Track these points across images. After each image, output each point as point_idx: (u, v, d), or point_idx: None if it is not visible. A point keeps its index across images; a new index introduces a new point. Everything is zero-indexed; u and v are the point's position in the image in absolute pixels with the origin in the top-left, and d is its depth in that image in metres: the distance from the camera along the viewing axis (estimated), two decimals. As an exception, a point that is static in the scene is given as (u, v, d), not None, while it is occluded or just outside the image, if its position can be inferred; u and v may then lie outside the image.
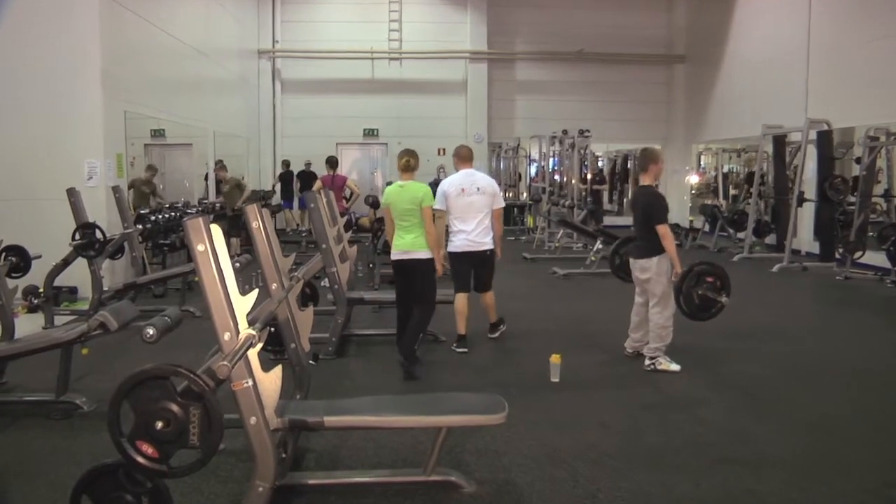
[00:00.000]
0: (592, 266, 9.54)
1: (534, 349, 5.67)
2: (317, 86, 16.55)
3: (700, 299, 4.69)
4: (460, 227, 5.66)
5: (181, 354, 5.07)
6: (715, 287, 4.69)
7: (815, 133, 10.28)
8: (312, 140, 16.09)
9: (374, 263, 8.73)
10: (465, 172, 5.77)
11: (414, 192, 5.12)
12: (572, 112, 16.28)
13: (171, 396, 2.51)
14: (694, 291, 4.66)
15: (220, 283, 2.61)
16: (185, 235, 2.62)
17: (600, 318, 6.82)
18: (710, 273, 4.73)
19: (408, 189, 5.15)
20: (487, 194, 5.67)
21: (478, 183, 5.69)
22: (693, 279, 4.67)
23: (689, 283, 4.66)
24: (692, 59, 16.64)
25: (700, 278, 4.68)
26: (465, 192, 5.64)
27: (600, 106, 16.82)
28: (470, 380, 4.97)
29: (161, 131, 10.88)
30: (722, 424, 4.06)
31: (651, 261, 5.05)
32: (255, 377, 2.69)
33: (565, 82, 16.95)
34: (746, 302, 7.67)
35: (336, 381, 4.89)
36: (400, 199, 5.14)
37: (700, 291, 4.67)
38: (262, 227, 3.46)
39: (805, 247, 11.51)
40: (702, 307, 4.71)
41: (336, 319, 5.63)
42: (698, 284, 4.67)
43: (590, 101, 16.80)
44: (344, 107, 16.47)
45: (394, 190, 5.23)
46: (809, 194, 10.73)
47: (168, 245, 8.48)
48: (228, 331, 2.61)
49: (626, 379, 4.96)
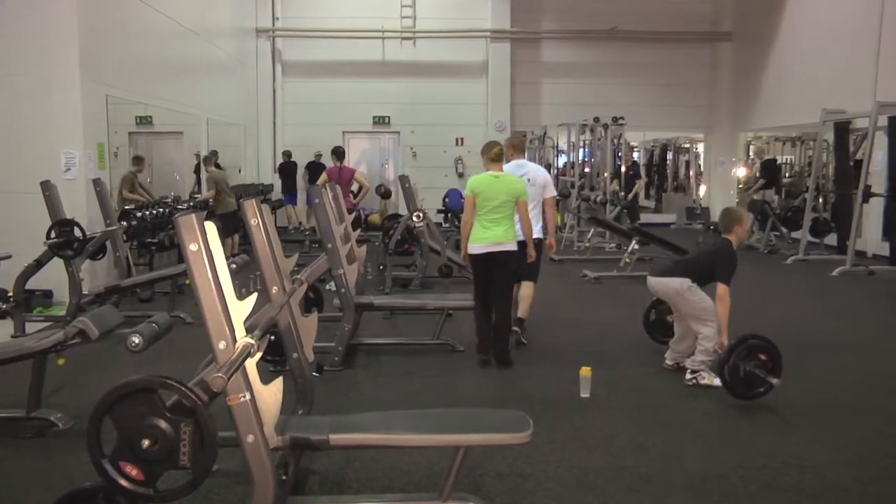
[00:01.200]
0: (627, 268, 9.49)
1: (561, 361, 5.65)
2: (321, 68, 16.61)
3: (747, 376, 4.67)
4: None
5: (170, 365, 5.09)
6: (766, 366, 4.67)
7: (886, 118, 10.09)
8: (316, 128, 16.16)
9: (385, 265, 8.74)
10: (517, 163, 6.22)
11: (512, 185, 5.53)
12: (605, 97, 16.22)
13: (159, 412, 2.52)
14: (742, 365, 4.66)
15: (215, 287, 2.62)
16: (176, 233, 2.63)
17: (636, 327, 6.77)
18: (765, 350, 4.70)
19: (504, 180, 5.53)
20: (538, 185, 6.14)
21: (529, 174, 6.14)
22: (744, 351, 4.67)
23: (739, 355, 4.66)
24: (740, 36, 16.50)
25: (752, 353, 4.67)
26: None
27: (636, 90, 16.74)
28: (491, 394, 4.97)
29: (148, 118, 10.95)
30: (773, 447, 4.02)
31: (669, 280, 5.13)
32: (253, 390, 2.70)
33: (597, 64, 16.89)
34: (801, 310, 7.60)
35: (343, 396, 4.90)
36: (495, 189, 5.47)
37: (748, 367, 4.66)
38: (262, 225, 3.47)
39: (871, 248, 11.37)
40: (747, 384, 4.68)
41: (343, 327, 5.64)
42: (748, 359, 4.66)
43: (624, 85, 16.73)
44: (351, 92, 16.52)
45: (486, 180, 5.53)
46: (877, 188, 10.56)
47: (156, 244, 8.51)
48: (224, 339, 2.61)
49: (664, 395, 4.93)
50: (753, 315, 6.86)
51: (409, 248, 9.22)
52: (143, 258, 8.74)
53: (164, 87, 10.21)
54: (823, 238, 11.99)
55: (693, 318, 5.11)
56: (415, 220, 8.73)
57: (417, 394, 4.97)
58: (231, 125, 14.40)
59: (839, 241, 11.61)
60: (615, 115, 13.66)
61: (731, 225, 5.19)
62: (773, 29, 14.84)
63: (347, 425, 3.11)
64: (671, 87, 17.01)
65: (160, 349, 3.56)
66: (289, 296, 3.49)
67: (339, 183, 8.59)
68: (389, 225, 9.52)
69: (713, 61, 17.27)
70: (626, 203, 13.06)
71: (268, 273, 3.51)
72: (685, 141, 19.23)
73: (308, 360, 3.65)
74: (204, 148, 11.95)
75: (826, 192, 12.09)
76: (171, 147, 12.33)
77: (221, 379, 2.41)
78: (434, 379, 5.29)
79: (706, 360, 5.06)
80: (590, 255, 11.43)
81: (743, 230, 5.22)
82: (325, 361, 5.42)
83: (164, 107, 10.41)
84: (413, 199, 9.08)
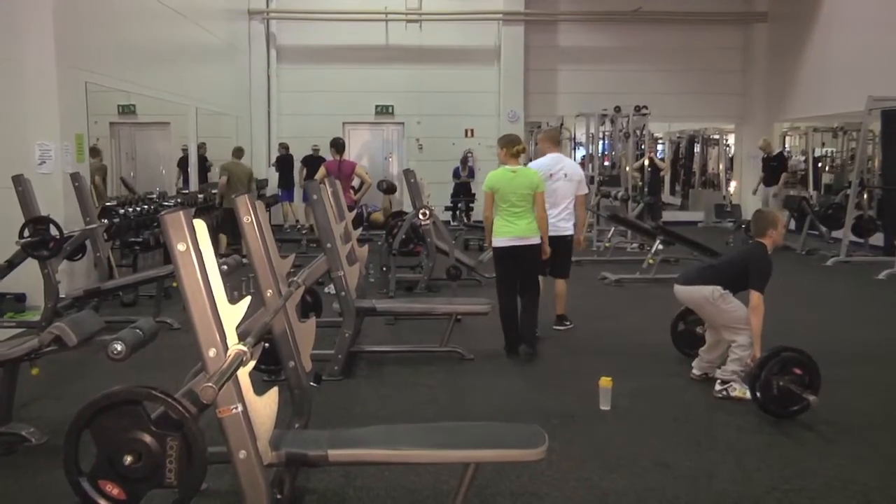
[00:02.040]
0: (650, 270, 9.47)
1: (579, 370, 5.65)
2: (319, 54, 16.64)
3: (780, 392, 4.64)
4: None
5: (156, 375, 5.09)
6: (802, 381, 4.63)
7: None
8: (314, 119, 16.19)
9: (389, 266, 8.74)
10: (554, 157, 6.73)
11: (530, 178, 6.05)
12: (627, 85, 16.20)
13: (143, 425, 2.52)
14: (775, 381, 4.62)
15: (205, 289, 2.62)
16: (163, 232, 2.64)
17: (660, 334, 6.75)
18: (800, 363, 4.67)
19: (522, 175, 6.05)
20: (574, 181, 6.68)
21: (565, 169, 6.68)
22: (777, 365, 4.64)
23: (773, 369, 4.63)
24: (776, 17, 16.43)
25: (786, 366, 4.64)
26: (552, 178, 6.57)
27: (661, 77, 16.70)
28: (503, 406, 4.95)
29: (131, 107, 11.00)
30: (813, 467, 4.00)
31: (699, 289, 5.12)
32: (245, 402, 2.70)
33: (618, 49, 16.86)
34: (843, 317, 7.56)
35: (342, 408, 4.90)
36: (514, 184, 5.99)
37: (782, 383, 4.62)
38: (256, 223, 3.48)
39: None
40: (781, 401, 4.65)
41: (343, 333, 5.64)
42: (782, 373, 4.63)
43: (648, 72, 16.70)
44: (352, 79, 16.54)
45: (504, 175, 6.04)
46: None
47: (140, 244, 8.52)
48: (214, 346, 2.61)
49: (692, 408, 4.92)
50: (789, 323, 6.83)
51: (415, 249, 9.21)
52: (125, 259, 8.74)
53: (148, 74, 10.23)
54: (868, 238, 11.91)
55: (725, 328, 5.10)
56: (421, 218, 8.73)
57: (423, 406, 4.96)
58: (222, 115, 14.43)
59: (886, 241, 11.53)
60: (638, 104, 13.64)
61: (765, 228, 5.16)
62: (813, 8, 14.72)
63: (348, 440, 3.11)
64: (700, 73, 16.94)
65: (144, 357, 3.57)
66: (284, 300, 3.49)
67: (339, 178, 8.59)
68: (393, 223, 9.52)
69: (746, 44, 17.21)
70: (649, 199, 13.05)
71: (262, 275, 3.51)
72: (714, 132, 19.19)
73: (305, 369, 3.65)
74: (192, 140, 11.99)
75: (871, 188, 12.02)
76: (156, 139, 12.38)
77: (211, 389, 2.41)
78: (441, 390, 5.29)
79: (738, 371, 5.04)
80: (610, 255, 11.41)
81: (779, 234, 5.20)
82: (324, 371, 5.42)
83: (148, 95, 10.44)
84: (419, 194, 9.08)
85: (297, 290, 3.77)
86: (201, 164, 12.68)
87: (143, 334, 2.97)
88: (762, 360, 4.69)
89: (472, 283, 9.17)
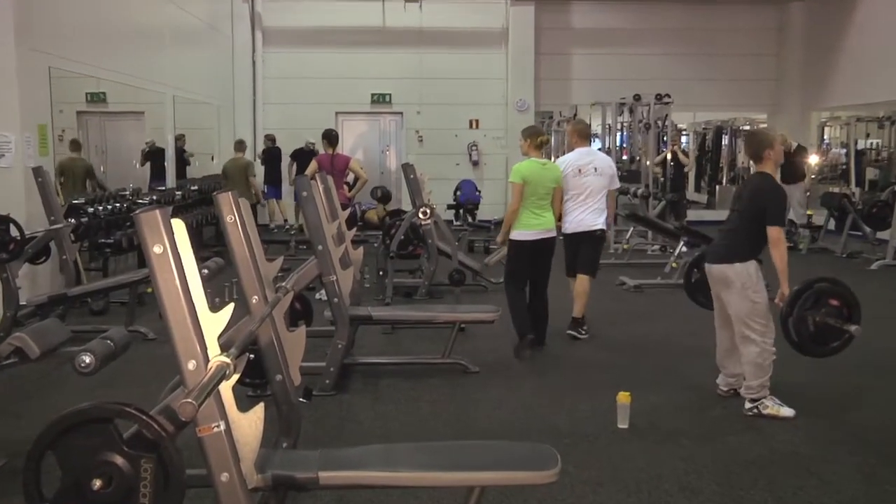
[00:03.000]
0: (673, 275, 9.46)
1: (595, 384, 5.65)
2: (310, 36, 16.66)
3: (817, 327, 4.55)
4: (574, 208, 6.90)
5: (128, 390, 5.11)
6: (840, 313, 4.55)
7: None
8: (304, 108, 16.21)
9: (386, 270, 8.75)
10: (583, 151, 7.09)
11: (556, 172, 6.67)
12: (647, 71, 16.19)
13: (114, 445, 2.52)
14: (810, 316, 4.53)
15: (184, 296, 2.62)
16: (137, 233, 2.64)
17: (683, 345, 6.76)
18: (835, 294, 4.59)
19: (550, 168, 6.68)
20: (605, 175, 6.98)
21: (595, 163, 6.99)
22: (810, 299, 4.55)
23: (805, 304, 4.53)
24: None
25: (820, 299, 4.55)
26: (581, 173, 6.90)
27: (685, 62, 16.72)
28: (511, 424, 4.96)
29: (101, 95, 11.00)
30: (855, 492, 3.99)
31: (733, 267, 5.02)
32: (228, 419, 2.70)
33: (638, 31, 16.88)
34: (888, 325, 7.53)
35: (335, 425, 4.90)
36: (543, 178, 6.50)
37: (818, 318, 4.54)
38: (240, 222, 3.48)
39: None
40: (819, 338, 4.56)
41: (335, 344, 5.64)
42: (816, 307, 4.55)
43: (671, 56, 16.71)
44: (346, 65, 16.57)
45: (535, 168, 6.52)
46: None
47: (111, 245, 8.51)
48: (194, 358, 2.61)
49: (718, 426, 4.91)
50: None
51: (415, 251, 9.22)
52: (95, 262, 8.75)
53: (120, 58, 10.21)
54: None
55: (739, 321, 5.03)
56: (421, 217, 8.73)
57: (424, 423, 4.97)
58: (202, 104, 14.45)
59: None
60: (660, 91, 13.62)
61: (760, 151, 5.09)
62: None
63: (340, 461, 3.11)
64: (728, 57, 16.92)
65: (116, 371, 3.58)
66: (271, 307, 3.49)
67: (332, 173, 8.60)
68: (391, 223, 9.52)
69: (780, 25, 17.19)
70: (672, 197, 13.04)
71: (246, 280, 3.51)
72: (745, 122, 19.17)
73: (294, 383, 3.65)
74: (170, 131, 12.00)
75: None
76: (129, 130, 12.38)
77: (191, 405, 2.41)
78: (443, 405, 5.29)
79: (763, 382, 5.01)
80: (629, 258, 11.41)
81: (776, 153, 5.12)
82: (315, 385, 5.42)
83: (120, 82, 10.44)
84: (419, 192, 9.08)
85: (285, 297, 3.78)
86: (179, 158, 12.71)
87: (114, 345, 2.96)
88: (793, 296, 4.60)
89: (477, 288, 9.17)
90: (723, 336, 5.32)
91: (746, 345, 5.00)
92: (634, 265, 10.95)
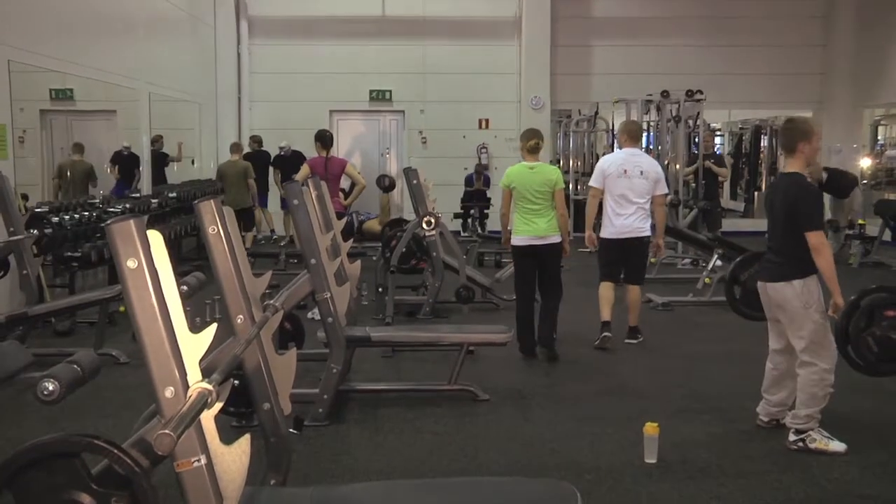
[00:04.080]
0: (706, 292, 9.45)
1: (619, 413, 5.65)
2: (301, 26, 16.71)
3: (880, 345, 4.52)
4: (617, 211, 7.36)
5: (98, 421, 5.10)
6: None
7: None
8: (295, 107, 16.25)
9: (386, 286, 8.74)
10: (630, 152, 7.54)
11: (547, 175, 7.03)
12: (676, 64, 16.21)
13: (81, 483, 2.51)
14: (869, 334, 4.51)
15: (161, 315, 2.62)
16: (109, 245, 2.64)
17: (718, 370, 6.75)
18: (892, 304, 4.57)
19: (539, 171, 7.04)
20: (650, 179, 7.39)
21: (641, 165, 7.43)
22: (864, 316, 4.53)
23: (860, 321, 4.51)
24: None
25: (875, 313, 4.53)
26: (626, 174, 7.33)
27: (719, 54, 16.71)
28: (524, 458, 4.95)
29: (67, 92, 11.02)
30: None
31: (791, 285, 4.98)
32: (210, 453, 2.70)
33: (667, 19, 16.93)
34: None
35: (329, 459, 4.90)
36: (531, 181, 6.95)
37: (879, 332, 4.51)
38: (224, 233, 3.49)
39: None
40: (885, 356, 4.53)
41: (330, 368, 5.64)
42: (874, 322, 4.52)
43: (703, 48, 16.72)
44: (341, 58, 16.62)
45: (521, 171, 7.05)
46: None
47: (78, 259, 8.50)
48: (172, 385, 2.61)
49: (759, 463, 4.88)
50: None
51: (418, 265, 9.22)
52: (60, 278, 8.73)
53: (90, 51, 10.23)
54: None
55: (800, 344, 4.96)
56: (424, 228, 8.74)
57: (428, 457, 4.96)
58: (181, 102, 14.50)
59: None
60: (690, 87, 13.63)
61: (794, 142, 5.06)
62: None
63: (335, 500, 3.11)
64: (768, 48, 16.90)
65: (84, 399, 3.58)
66: (258, 327, 3.50)
67: (326, 178, 8.61)
68: (391, 233, 9.53)
69: (827, 12, 17.14)
70: (704, 205, 13.03)
71: (231, 297, 3.51)
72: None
73: (284, 412, 3.65)
74: (145, 131, 12.02)
75: None
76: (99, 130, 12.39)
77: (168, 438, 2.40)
78: (450, 437, 5.29)
79: (813, 413, 4.98)
80: (656, 273, 11.36)
81: (812, 148, 5.09)
82: (307, 414, 5.41)
83: (90, 77, 10.46)
84: (422, 199, 9.09)
85: (273, 316, 3.78)
86: (158, 162, 12.72)
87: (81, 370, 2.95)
88: (846, 310, 4.56)
89: (487, 306, 9.17)
90: (777, 360, 5.29)
91: (806, 370, 4.97)
92: (663, 281, 10.93)
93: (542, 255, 7.07)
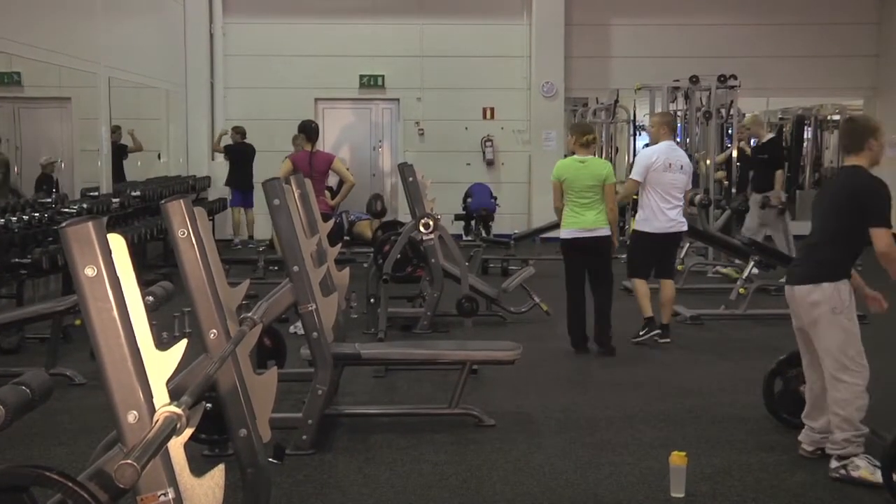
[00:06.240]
0: (741, 304, 9.44)
1: (642, 441, 5.65)
2: (282, 3, 16.69)
3: None
4: (661, 205, 8.02)
5: (51, 449, 5.11)
6: None
7: None
8: (275, 94, 16.30)
9: (379, 297, 8.73)
10: (670, 145, 8.30)
11: (598, 169, 7.84)
12: (707, 47, 16.25)
13: (30, 520, 2.52)
14: None
15: (123, 330, 2.63)
16: (63, 250, 2.64)
17: (752, 392, 6.74)
18: None
19: (590, 165, 7.82)
20: (688, 174, 8.29)
21: (681, 159, 8.23)
22: None
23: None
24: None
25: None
26: (671, 168, 8.05)
27: (756, 34, 16.76)
28: (536, 491, 4.95)
29: (14, 76, 11.00)
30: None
31: (821, 288, 5.00)
32: (178, 486, 2.70)
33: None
34: None
35: (314, 493, 4.89)
36: (581, 175, 7.74)
37: None
38: (195, 237, 3.49)
39: None
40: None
41: (315, 390, 5.64)
42: None
43: (738, 27, 16.78)
44: (328, 39, 16.65)
45: (572, 165, 7.88)
46: None
47: (27, 266, 8.49)
48: (135, 408, 2.62)
49: (800, 496, 4.88)
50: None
51: (414, 272, 9.23)
52: (6, 287, 8.71)
53: (39, 30, 10.20)
54: None
55: (829, 357, 4.99)
56: (422, 231, 8.74)
57: (425, 490, 4.95)
58: (146, 88, 14.50)
59: None
60: (723, 72, 13.64)
61: (862, 141, 5.12)
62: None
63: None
64: (812, 28, 16.92)
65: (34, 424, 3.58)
66: (234, 344, 3.50)
67: (311, 175, 8.63)
68: (384, 238, 9.53)
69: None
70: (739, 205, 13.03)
71: (203, 310, 3.52)
72: (833, 111, 19.11)
73: (262, 439, 3.65)
74: (104, 121, 11.97)
75: None
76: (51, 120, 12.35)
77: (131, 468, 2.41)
78: (450, 468, 5.27)
79: (852, 437, 4.96)
80: (684, 282, 11.36)
81: (879, 145, 5.16)
82: (289, 442, 5.41)
83: (39, 59, 10.44)
84: (419, 199, 9.09)
85: (251, 331, 3.79)
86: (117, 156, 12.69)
87: (31, 393, 2.95)
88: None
89: (492, 319, 9.17)
90: (812, 378, 5.27)
91: (835, 386, 4.97)
92: (691, 291, 10.94)
93: (589, 249, 7.79)
